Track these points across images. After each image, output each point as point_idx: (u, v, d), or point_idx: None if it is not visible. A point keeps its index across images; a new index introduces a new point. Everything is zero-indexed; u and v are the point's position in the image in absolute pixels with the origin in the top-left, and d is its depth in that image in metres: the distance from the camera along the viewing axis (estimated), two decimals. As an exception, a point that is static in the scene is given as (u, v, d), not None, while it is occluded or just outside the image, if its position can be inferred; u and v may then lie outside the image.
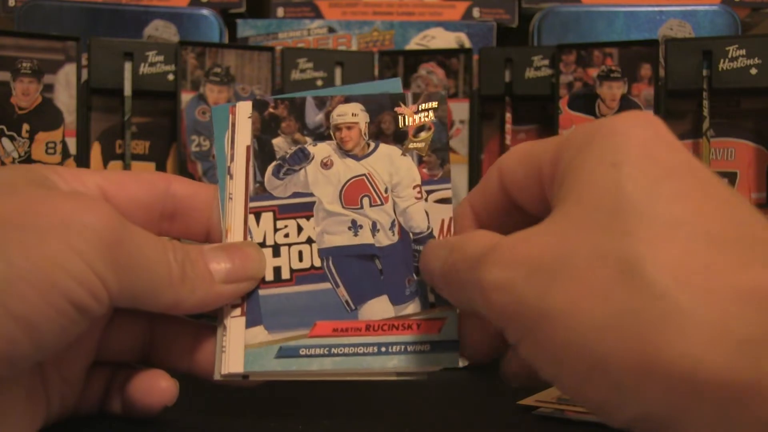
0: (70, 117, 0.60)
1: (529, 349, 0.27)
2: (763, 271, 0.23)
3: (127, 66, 0.61)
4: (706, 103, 0.59)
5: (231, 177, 0.37)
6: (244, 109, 0.38)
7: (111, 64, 0.61)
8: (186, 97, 0.61)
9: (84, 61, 0.61)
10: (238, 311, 0.35)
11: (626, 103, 0.61)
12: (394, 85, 0.38)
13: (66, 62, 0.60)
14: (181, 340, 0.37)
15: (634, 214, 0.25)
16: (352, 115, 0.37)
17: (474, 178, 0.64)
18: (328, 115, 0.38)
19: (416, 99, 0.38)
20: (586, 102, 0.61)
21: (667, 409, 0.23)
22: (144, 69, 0.61)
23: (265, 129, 0.37)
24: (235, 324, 0.35)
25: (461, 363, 0.35)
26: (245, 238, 0.36)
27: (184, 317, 0.37)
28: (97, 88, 0.61)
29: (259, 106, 0.38)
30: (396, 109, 0.37)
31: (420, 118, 0.37)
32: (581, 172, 0.27)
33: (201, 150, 0.62)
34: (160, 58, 0.61)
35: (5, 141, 0.58)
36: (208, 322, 0.37)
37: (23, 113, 0.58)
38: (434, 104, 0.38)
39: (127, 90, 0.61)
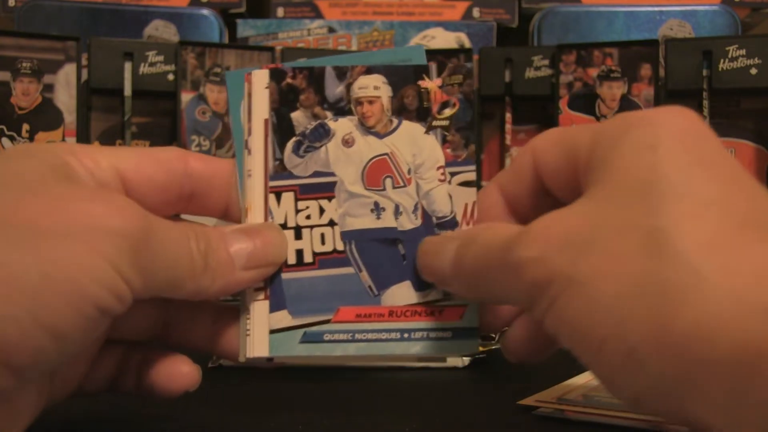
0: (70, 117, 0.60)
1: (552, 318, 0.27)
2: None
3: (127, 66, 0.61)
4: (706, 103, 0.59)
5: (249, 152, 0.36)
6: (260, 78, 0.36)
7: (111, 64, 0.61)
8: (186, 97, 0.61)
9: (84, 61, 0.61)
10: (261, 295, 0.35)
11: (626, 103, 0.61)
12: (417, 53, 0.37)
13: (66, 62, 0.59)
14: (201, 321, 0.36)
15: (667, 192, 0.26)
16: (374, 88, 0.36)
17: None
18: (348, 87, 0.36)
19: (441, 71, 0.36)
20: (586, 102, 0.61)
21: (677, 382, 0.23)
22: (144, 69, 0.61)
23: (283, 101, 0.36)
24: (258, 307, 0.35)
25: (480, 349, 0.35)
26: (266, 218, 0.35)
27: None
28: (97, 88, 0.61)
29: (276, 75, 0.36)
30: (420, 82, 0.36)
31: (444, 92, 0.36)
32: (617, 157, 0.28)
33: (201, 150, 0.62)
34: (160, 58, 0.61)
35: (5, 141, 0.58)
36: (227, 302, 0.36)
37: (23, 113, 0.58)
38: (459, 78, 0.36)
39: (127, 90, 0.61)
